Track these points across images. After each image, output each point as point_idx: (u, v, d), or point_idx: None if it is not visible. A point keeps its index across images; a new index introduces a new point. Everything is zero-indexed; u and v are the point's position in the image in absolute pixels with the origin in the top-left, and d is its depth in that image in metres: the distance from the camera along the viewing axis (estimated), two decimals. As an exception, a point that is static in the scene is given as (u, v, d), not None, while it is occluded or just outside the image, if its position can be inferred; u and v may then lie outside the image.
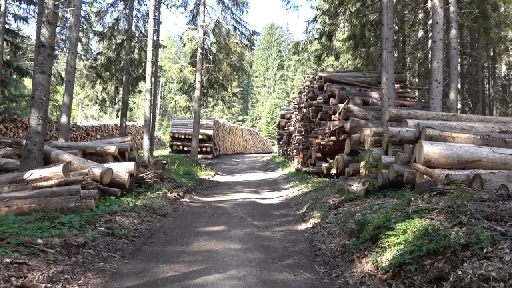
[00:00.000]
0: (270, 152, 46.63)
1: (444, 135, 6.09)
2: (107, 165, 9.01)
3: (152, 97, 17.75)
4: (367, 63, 15.18)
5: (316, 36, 15.61)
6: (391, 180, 6.92)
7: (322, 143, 14.04)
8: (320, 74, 16.74)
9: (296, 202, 10.37)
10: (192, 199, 10.53)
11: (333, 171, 13.10)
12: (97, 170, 8.17)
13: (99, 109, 29.86)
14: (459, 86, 15.68)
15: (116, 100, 24.60)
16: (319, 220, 7.20)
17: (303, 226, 7.42)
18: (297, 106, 22.25)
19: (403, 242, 3.87)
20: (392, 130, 7.55)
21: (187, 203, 9.72)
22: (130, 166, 9.29)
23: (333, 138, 13.23)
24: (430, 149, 5.63)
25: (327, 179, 13.47)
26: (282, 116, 30.55)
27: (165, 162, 15.52)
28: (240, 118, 78.32)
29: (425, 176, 5.47)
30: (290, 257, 5.30)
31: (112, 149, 9.42)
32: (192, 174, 15.00)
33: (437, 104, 11.40)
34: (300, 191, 12.41)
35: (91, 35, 24.29)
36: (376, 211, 5.36)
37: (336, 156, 11.85)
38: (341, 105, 13.51)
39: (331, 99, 14.56)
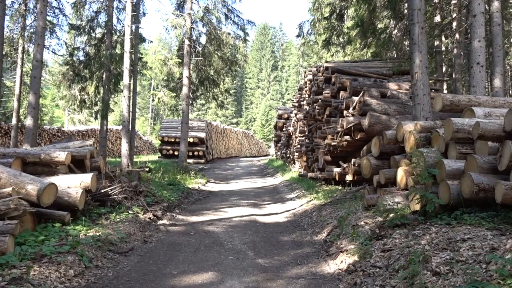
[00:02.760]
0: (267, 155, 44.29)
1: None
2: (52, 178, 6.57)
3: (132, 94, 15.33)
4: (385, 50, 12.75)
5: (326, 14, 13.15)
6: (467, 198, 4.54)
7: (333, 144, 11.64)
8: (326, 64, 14.40)
9: (310, 221, 7.95)
10: (173, 219, 8.05)
11: (349, 177, 10.74)
12: (32, 187, 5.71)
13: (79, 111, 27.44)
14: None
15: (96, 101, 22.14)
16: (357, 259, 4.78)
17: (331, 266, 5.00)
18: (296, 104, 19.99)
19: None
20: (458, 122, 5.16)
21: (165, 228, 7.24)
22: (86, 179, 6.83)
23: (347, 137, 10.86)
24: None
25: (340, 187, 11.17)
26: (279, 117, 28.25)
27: (148, 169, 13.04)
28: (234, 120, 75.99)
29: None
30: None
31: (61, 156, 6.93)
32: (178, 184, 12.52)
33: (480, 93, 9.06)
34: (310, 203, 10.02)
35: (67, 28, 21.84)
36: (491, 264, 2.95)
37: (357, 160, 9.49)
38: (355, 98, 11.17)
39: (341, 92, 12.25)
